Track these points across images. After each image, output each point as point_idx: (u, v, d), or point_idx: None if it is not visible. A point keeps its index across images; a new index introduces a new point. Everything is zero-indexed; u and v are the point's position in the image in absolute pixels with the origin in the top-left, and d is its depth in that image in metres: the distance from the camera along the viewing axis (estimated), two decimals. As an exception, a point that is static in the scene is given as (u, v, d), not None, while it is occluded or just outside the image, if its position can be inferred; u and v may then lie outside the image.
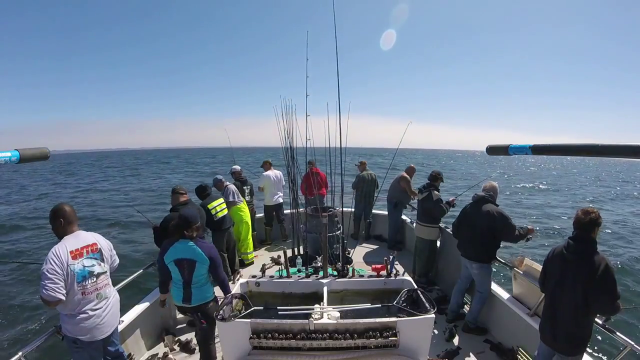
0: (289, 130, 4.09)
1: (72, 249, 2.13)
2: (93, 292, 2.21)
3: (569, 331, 2.11)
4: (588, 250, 2.04)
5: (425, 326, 2.11)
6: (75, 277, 2.10)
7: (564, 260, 2.14)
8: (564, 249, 2.16)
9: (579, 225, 2.09)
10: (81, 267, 2.14)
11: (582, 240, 2.08)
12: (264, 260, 5.23)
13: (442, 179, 4.41)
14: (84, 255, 2.18)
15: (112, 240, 2.54)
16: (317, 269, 2.88)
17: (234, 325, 2.05)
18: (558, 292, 2.17)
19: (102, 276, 2.27)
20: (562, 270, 2.15)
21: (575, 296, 2.04)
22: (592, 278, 1.97)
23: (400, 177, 5.47)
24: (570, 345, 2.13)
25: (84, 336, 2.17)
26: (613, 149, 1.02)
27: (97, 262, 2.25)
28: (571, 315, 2.09)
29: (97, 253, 2.27)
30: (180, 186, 3.56)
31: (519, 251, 7.49)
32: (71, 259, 2.09)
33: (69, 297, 2.09)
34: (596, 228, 2.06)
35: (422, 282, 4.32)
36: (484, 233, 3.20)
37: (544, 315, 2.31)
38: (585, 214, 2.06)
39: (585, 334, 2.10)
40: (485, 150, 1.86)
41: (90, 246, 2.25)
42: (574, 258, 2.08)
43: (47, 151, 1.41)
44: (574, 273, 2.06)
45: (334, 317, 2.06)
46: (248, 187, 5.77)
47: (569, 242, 2.14)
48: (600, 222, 2.07)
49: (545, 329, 2.27)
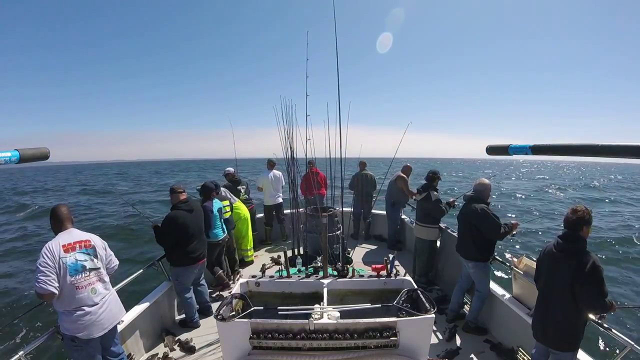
0: (289, 131, 4.09)
1: (64, 243, 2.21)
2: (87, 286, 2.24)
3: (558, 326, 2.15)
4: (576, 248, 2.08)
5: (425, 326, 2.10)
6: (67, 270, 2.15)
7: (553, 257, 2.19)
8: (554, 247, 2.22)
9: (567, 224, 2.14)
10: (73, 260, 2.20)
11: (570, 238, 2.13)
12: (264, 260, 5.23)
13: (440, 178, 4.42)
14: (76, 250, 2.24)
15: (112, 241, 2.55)
16: (317, 269, 2.88)
17: (234, 325, 2.05)
18: (548, 289, 2.23)
19: (94, 272, 2.31)
20: (551, 267, 2.20)
21: (563, 292, 2.09)
22: (579, 274, 2.01)
23: (397, 176, 5.46)
24: (561, 340, 2.16)
25: (81, 333, 2.19)
26: (613, 149, 1.01)
27: (89, 258, 2.30)
28: (560, 312, 2.13)
29: (90, 249, 2.33)
30: (178, 185, 3.57)
31: (519, 252, 7.50)
32: (63, 252, 2.17)
33: (63, 292, 2.15)
34: (585, 226, 2.09)
35: (422, 282, 4.32)
36: (473, 231, 3.24)
37: (535, 312, 2.35)
38: (573, 212, 2.11)
39: (576, 331, 2.12)
40: (485, 150, 1.85)
41: (83, 242, 2.31)
42: (562, 256, 2.13)
43: (47, 151, 1.41)
44: (562, 270, 2.11)
45: (334, 317, 2.06)
46: (243, 187, 5.78)
47: (558, 241, 2.19)
48: (589, 220, 2.10)
49: (536, 325, 2.32)
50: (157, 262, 3.61)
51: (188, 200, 3.50)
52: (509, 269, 3.19)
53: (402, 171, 5.52)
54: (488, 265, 3.31)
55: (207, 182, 4.24)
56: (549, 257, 2.24)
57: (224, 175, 5.81)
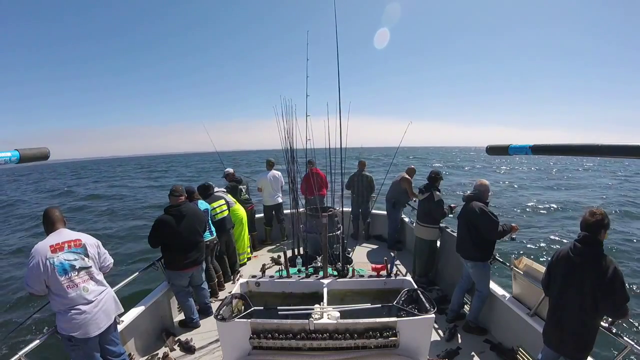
0: (289, 131, 4.08)
1: (52, 244, 2.23)
2: (79, 285, 2.25)
3: (576, 335, 2.08)
4: (595, 253, 2.00)
5: (425, 326, 2.10)
6: (55, 269, 2.17)
7: (571, 262, 2.09)
8: (570, 251, 2.11)
9: (586, 227, 2.05)
10: (61, 260, 2.21)
11: (588, 242, 2.03)
12: (264, 260, 5.23)
13: (442, 178, 4.42)
14: (64, 249, 2.26)
15: (111, 242, 2.56)
16: (317, 269, 2.88)
17: (234, 325, 2.05)
18: (564, 295, 2.12)
19: (85, 270, 2.32)
20: (569, 273, 2.10)
21: (583, 299, 2.00)
22: (601, 280, 1.93)
23: (401, 177, 5.47)
24: (578, 349, 2.10)
25: (77, 332, 2.20)
26: (614, 149, 1.01)
27: (79, 257, 2.31)
28: (578, 319, 2.05)
29: (80, 248, 2.33)
30: (177, 188, 3.49)
31: (514, 251, 7.49)
32: (50, 253, 2.19)
33: (54, 292, 2.19)
34: (603, 230, 2.01)
35: (422, 282, 4.31)
36: (473, 231, 3.24)
37: (548, 319, 2.27)
38: (592, 215, 2.02)
39: (592, 337, 2.07)
40: (486, 150, 1.85)
41: (72, 241, 2.32)
42: (581, 261, 2.03)
43: (47, 151, 1.41)
44: (581, 276, 2.02)
45: (334, 317, 2.06)
46: (244, 186, 5.76)
47: (576, 244, 2.09)
48: (608, 223, 2.02)
49: (550, 334, 2.23)
50: (157, 262, 3.61)
51: (182, 205, 3.41)
52: (509, 269, 3.19)
53: (406, 172, 5.54)
54: (488, 265, 3.31)
55: (198, 185, 4.27)
56: (566, 262, 2.12)
57: (224, 176, 5.78)
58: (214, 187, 4.71)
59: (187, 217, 3.39)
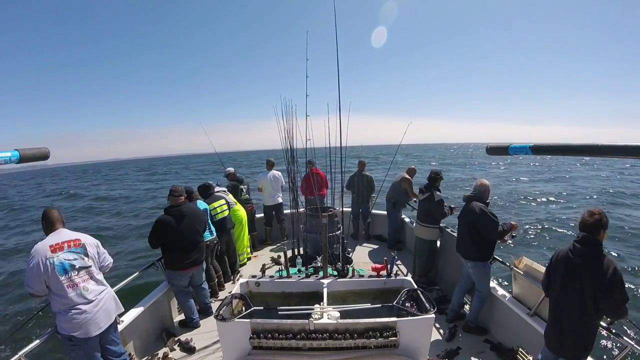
0: (289, 131, 4.08)
1: (52, 244, 2.23)
2: (79, 284, 2.25)
3: (576, 335, 2.07)
4: (595, 253, 1.99)
5: (425, 326, 2.10)
6: (55, 269, 2.17)
7: (570, 263, 2.08)
8: (570, 252, 2.10)
9: (585, 227, 2.03)
10: (61, 260, 2.21)
11: (588, 242, 2.02)
12: (264, 260, 5.23)
13: (442, 178, 4.42)
14: (64, 249, 2.26)
15: (110, 242, 2.56)
16: (317, 269, 2.87)
17: (234, 325, 2.05)
18: (564, 296, 2.11)
19: (85, 270, 2.32)
20: (568, 274, 2.09)
21: (583, 300, 2.00)
22: (601, 281, 1.93)
23: (402, 177, 5.47)
24: (577, 351, 2.10)
25: (77, 332, 2.20)
26: (615, 149, 1.01)
27: (79, 256, 2.31)
28: (578, 319, 2.05)
29: (79, 248, 2.34)
30: (176, 188, 3.48)
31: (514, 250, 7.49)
32: (50, 253, 2.19)
33: (55, 291, 2.19)
34: (602, 230, 2.00)
35: (422, 282, 4.31)
36: (473, 231, 3.24)
37: (549, 321, 2.26)
38: (591, 215, 2.01)
39: (592, 338, 2.07)
40: (486, 150, 1.85)
41: (72, 241, 2.32)
42: (581, 261, 2.02)
43: (47, 151, 1.40)
44: (581, 277, 2.01)
45: (334, 317, 2.06)
46: (245, 186, 5.76)
47: (575, 245, 2.07)
48: (607, 223, 2.01)
49: (551, 336, 2.23)
50: (157, 262, 3.61)
51: (182, 205, 3.40)
52: (509, 269, 3.19)
53: (406, 172, 5.54)
54: (488, 265, 3.31)
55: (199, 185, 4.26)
56: (565, 263, 2.11)
57: (225, 176, 5.78)
58: (215, 187, 4.71)
59: (187, 217, 3.39)
